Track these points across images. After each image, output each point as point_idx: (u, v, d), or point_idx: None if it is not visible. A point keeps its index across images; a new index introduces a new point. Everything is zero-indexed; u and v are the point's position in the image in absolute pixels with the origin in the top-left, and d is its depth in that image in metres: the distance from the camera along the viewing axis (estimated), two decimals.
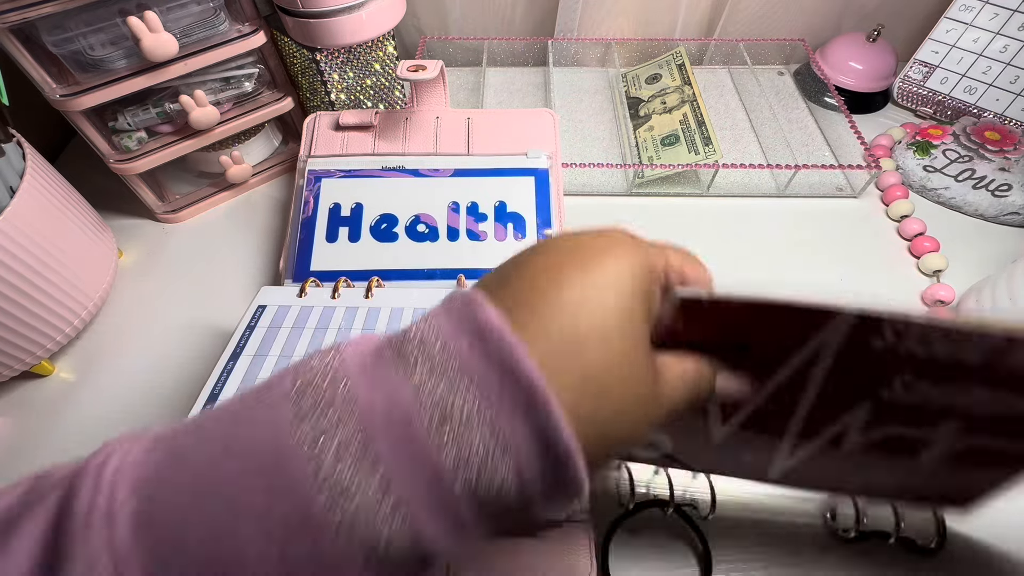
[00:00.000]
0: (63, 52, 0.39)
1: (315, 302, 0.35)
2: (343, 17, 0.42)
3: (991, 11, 0.53)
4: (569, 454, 0.14)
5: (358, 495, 0.13)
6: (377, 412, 0.14)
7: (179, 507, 0.13)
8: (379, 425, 0.14)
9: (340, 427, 0.13)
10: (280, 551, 0.13)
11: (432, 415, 0.14)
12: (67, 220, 0.40)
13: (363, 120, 0.47)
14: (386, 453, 0.13)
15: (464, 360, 0.14)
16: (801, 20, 0.64)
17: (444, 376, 0.14)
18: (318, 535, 0.13)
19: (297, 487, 0.13)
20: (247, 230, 0.51)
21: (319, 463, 0.13)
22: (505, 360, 0.14)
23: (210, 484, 0.13)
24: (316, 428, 0.13)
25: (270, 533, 0.13)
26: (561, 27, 0.64)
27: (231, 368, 0.31)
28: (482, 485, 0.14)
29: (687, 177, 0.52)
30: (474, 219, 0.42)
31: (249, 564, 0.13)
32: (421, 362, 0.15)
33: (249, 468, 0.13)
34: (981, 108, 0.55)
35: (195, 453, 0.14)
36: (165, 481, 0.14)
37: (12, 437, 0.38)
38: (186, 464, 0.14)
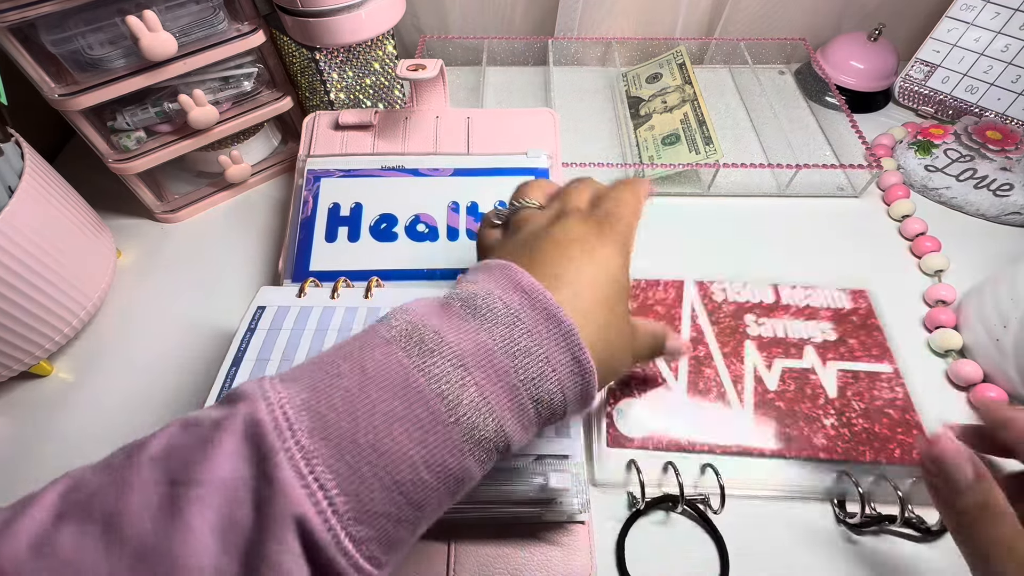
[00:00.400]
0: (62, 51, 0.39)
1: (315, 302, 0.35)
2: (342, 16, 0.42)
3: (992, 10, 0.52)
4: (592, 374, 0.21)
5: (464, 403, 0.19)
6: (467, 351, 0.19)
7: (342, 421, 0.18)
8: (470, 360, 0.19)
9: (445, 363, 0.19)
10: (422, 438, 0.18)
11: (505, 350, 0.20)
12: (66, 220, 0.40)
13: (362, 119, 0.47)
14: (480, 378, 0.19)
15: (517, 311, 0.21)
16: (802, 19, 0.64)
17: (506, 323, 0.20)
18: (443, 429, 0.18)
19: (425, 401, 0.18)
20: (246, 230, 0.50)
21: (439, 385, 0.19)
22: (550, 311, 0.21)
23: (363, 403, 0.18)
24: (427, 364, 0.19)
25: (412, 430, 0.18)
26: (561, 26, 0.64)
27: (234, 374, 0.31)
28: (540, 395, 0.20)
29: (688, 177, 0.52)
30: (474, 219, 0.42)
31: (403, 451, 0.18)
32: (486, 314, 0.20)
33: (386, 392, 0.18)
34: (982, 107, 0.55)
35: (339, 381, 0.19)
36: (323, 404, 0.18)
37: (11, 437, 0.38)
38: (333, 393, 0.18)
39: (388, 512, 0.18)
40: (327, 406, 0.18)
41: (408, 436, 0.18)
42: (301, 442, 0.17)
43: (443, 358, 0.19)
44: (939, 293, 0.43)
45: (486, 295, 0.21)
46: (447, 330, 0.20)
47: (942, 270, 0.45)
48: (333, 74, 0.48)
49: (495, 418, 0.19)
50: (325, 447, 0.17)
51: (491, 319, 0.20)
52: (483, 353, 0.19)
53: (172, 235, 0.51)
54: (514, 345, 0.20)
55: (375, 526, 0.17)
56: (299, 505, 0.16)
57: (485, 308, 0.21)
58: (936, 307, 0.43)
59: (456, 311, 0.21)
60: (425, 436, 0.18)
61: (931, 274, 0.45)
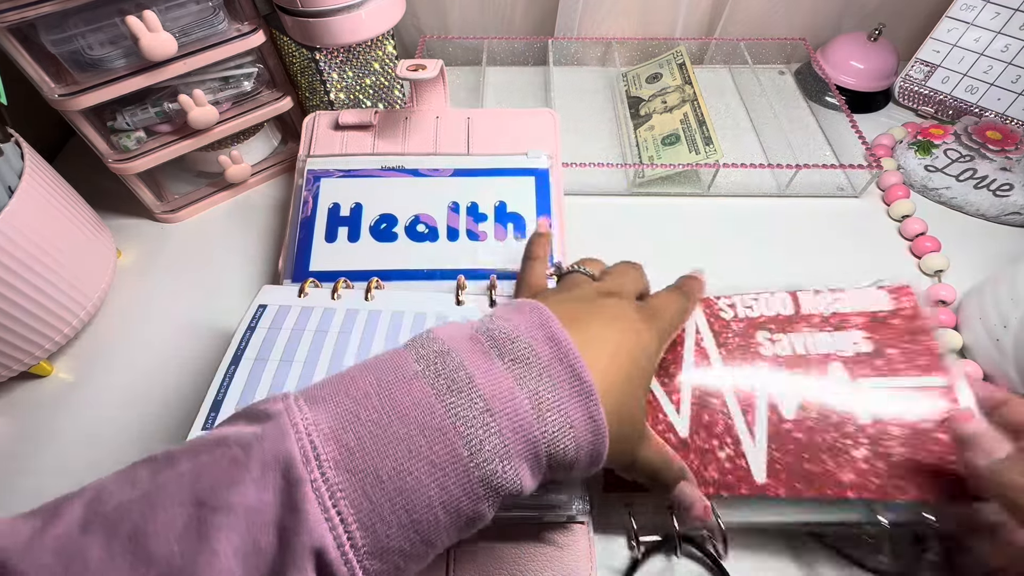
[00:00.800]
0: (62, 52, 0.39)
1: (315, 303, 0.35)
2: (342, 16, 0.42)
3: (992, 10, 0.52)
4: (603, 437, 0.21)
5: (486, 449, 0.19)
6: (494, 396, 0.20)
7: (370, 457, 0.18)
8: (497, 405, 0.20)
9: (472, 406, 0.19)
10: (441, 480, 0.19)
11: (530, 399, 0.20)
12: (66, 220, 0.40)
13: (362, 120, 0.47)
14: (504, 425, 0.20)
15: (544, 361, 0.21)
16: (802, 19, 0.64)
17: (532, 370, 0.21)
18: (463, 473, 0.19)
19: (451, 446, 0.19)
20: (246, 230, 0.50)
21: (464, 429, 0.19)
22: (575, 369, 0.21)
23: (386, 437, 0.19)
24: (454, 404, 0.19)
25: (433, 471, 0.19)
26: (561, 26, 0.64)
27: (232, 372, 0.31)
28: (555, 450, 0.20)
29: (688, 177, 0.52)
30: (474, 219, 0.42)
31: (422, 491, 0.18)
32: (516, 359, 0.21)
33: (412, 428, 0.19)
34: (982, 107, 0.55)
35: (366, 413, 0.19)
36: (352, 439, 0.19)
37: (11, 437, 0.38)
38: (361, 423, 0.19)
39: (402, 548, 0.18)
40: (354, 438, 0.19)
41: (429, 476, 0.18)
42: (327, 474, 0.18)
43: (471, 401, 0.20)
44: (939, 293, 0.43)
45: (516, 338, 0.21)
46: (476, 370, 0.20)
47: (942, 270, 0.45)
48: (333, 74, 0.48)
49: (513, 467, 0.20)
50: (349, 481, 0.18)
51: (520, 364, 0.21)
52: (509, 400, 0.20)
53: (172, 235, 0.51)
54: (539, 397, 0.20)
55: (388, 561, 0.18)
56: (321, 538, 0.17)
57: (514, 352, 0.21)
58: (936, 307, 0.43)
59: (485, 349, 0.21)
60: (445, 479, 0.19)
61: (931, 274, 0.45)
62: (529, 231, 0.42)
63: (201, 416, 0.30)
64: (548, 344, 0.21)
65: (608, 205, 0.51)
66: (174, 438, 0.36)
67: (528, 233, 0.42)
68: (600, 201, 0.52)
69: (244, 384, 0.31)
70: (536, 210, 0.43)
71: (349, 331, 0.33)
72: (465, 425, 0.19)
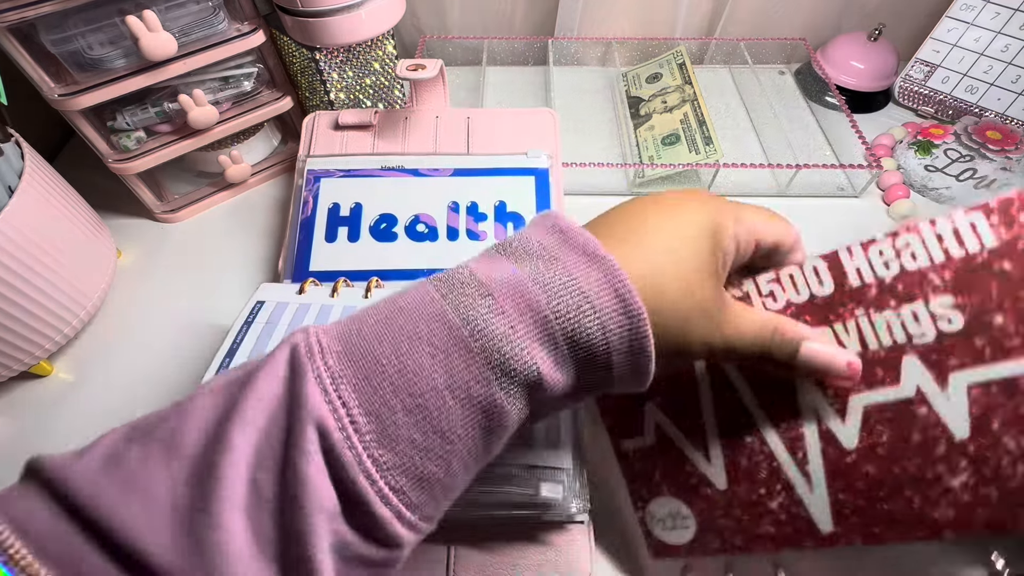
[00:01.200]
0: (62, 51, 0.39)
1: (313, 300, 0.35)
2: (342, 16, 0.42)
3: (992, 10, 0.52)
4: (640, 318, 0.19)
5: (490, 329, 0.18)
6: (496, 281, 0.19)
7: (369, 344, 0.18)
8: (500, 289, 0.19)
9: (474, 293, 0.19)
10: (445, 362, 0.18)
11: (537, 282, 0.19)
12: (66, 220, 0.40)
13: (362, 119, 0.47)
14: (508, 307, 0.19)
15: (552, 249, 0.20)
16: (802, 19, 0.64)
17: (541, 259, 0.20)
18: (467, 355, 0.18)
19: (451, 327, 0.18)
20: (246, 230, 0.50)
21: (464, 312, 0.18)
22: (588, 249, 0.20)
23: (389, 328, 0.19)
24: (456, 295, 0.19)
25: (436, 353, 0.18)
26: (561, 26, 0.64)
27: (227, 365, 0.31)
28: (576, 331, 0.19)
29: (688, 176, 0.52)
30: (474, 219, 0.42)
31: (426, 374, 0.18)
32: (522, 253, 0.20)
33: (414, 318, 0.19)
34: (982, 107, 0.55)
35: (373, 314, 0.20)
36: (353, 332, 0.19)
37: (11, 437, 0.38)
38: (367, 321, 0.19)
39: (412, 438, 0.18)
40: (357, 332, 0.19)
41: (432, 359, 0.18)
42: (329, 363, 0.18)
43: (471, 288, 0.19)
44: None
45: (522, 238, 0.21)
46: (479, 268, 0.20)
47: None
48: (333, 74, 0.48)
49: (524, 349, 0.18)
50: (351, 368, 0.18)
51: (524, 256, 0.20)
52: (512, 284, 0.19)
53: (172, 235, 0.51)
54: (546, 278, 0.19)
55: (399, 452, 0.18)
56: (322, 421, 0.17)
57: (519, 247, 0.20)
58: None
59: (491, 254, 0.21)
60: (449, 361, 0.18)
61: None
62: None
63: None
64: (552, 233, 0.20)
65: (608, 205, 0.51)
66: None
67: None
68: (600, 201, 0.51)
69: None
70: (536, 210, 0.43)
71: None
72: (465, 308, 0.18)
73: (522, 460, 0.29)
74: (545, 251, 0.20)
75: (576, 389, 0.20)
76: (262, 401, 0.18)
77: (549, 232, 0.20)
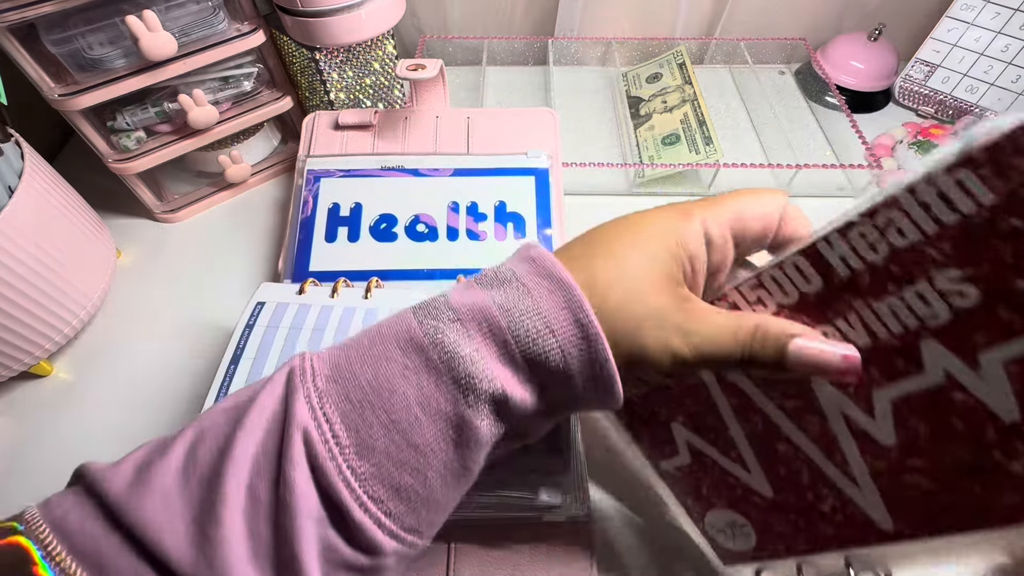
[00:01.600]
0: (62, 51, 0.39)
1: (313, 300, 0.35)
2: (342, 16, 0.42)
3: (992, 10, 0.52)
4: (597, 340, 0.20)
5: (457, 351, 0.20)
6: (466, 307, 0.21)
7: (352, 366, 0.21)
8: (468, 315, 0.21)
9: (445, 319, 0.21)
10: (416, 380, 0.20)
11: (502, 308, 0.20)
12: (65, 220, 0.40)
13: (362, 119, 0.47)
14: (474, 330, 0.20)
15: (522, 276, 0.21)
16: (802, 19, 0.64)
17: (509, 286, 0.21)
18: (435, 375, 0.20)
19: (423, 349, 0.20)
20: (246, 230, 0.50)
21: (434, 336, 0.20)
22: (552, 272, 0.21)
23: (371, 352, 0.21)
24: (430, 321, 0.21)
25: (408, 373, 0.20)
26: (561, 26, 0.64)
27: (233, 372, 0.31)
28: (534, 352, 0.20)
29: (688, 176, 0.52)
30: (474, 219, 0.42)
31: (399, 391, 0.20)
32: (495, 282, 0.22)
33: (393, 343, 0.21)
34: (982, 108, 0.55)
35: (361, 339, 0.22)
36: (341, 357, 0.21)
37: (11, 437, 0.38)
38: (354, 346, 0.21)
39: (387, 450, 0.19)
40: (344, 356, 0.21)
41: (405, 380, 0.20)
42: (318, 384, 0.20)
43: (444, 315, 0.21)
44: None
45: (498, 268, 0.22)
46: (454, 296, 0.22)
47: None
48: (333, 74, 0.48)
49: (488, 369, 0.20)
50: (335, 389, 0.20)
51: (495, 284, 0.22)
52: (479, 309, 0.21)
53: (172, 235, 0.51)
54: (511, 303, 0.21)
55: (376, 463, 0.19)
56: (308, 434, 0.19)
57: (493, 277, 0.22)
58: None
59: (469, 283, 0.22)
60: (420, 380, 0.20)
61: None
62: (529, 231, 0.42)
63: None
64: (525, 262, 0.22)
65: (608, 205, 0.51)
66: None
67: (528, 232, 0.42)
68: (600, 201, 0.52)
69: (244, 382, 0.31)
70: (536, 210, 0.43)
71: (346, 329, 0.33)
72: (436, 332, 0.20)
73: (521, 465, 0.29)
74: (515, 278, 0.21)
75: (548, 407, 0.22)
76: (262, 416, 0.20)
77: (522, 261, 0.22)
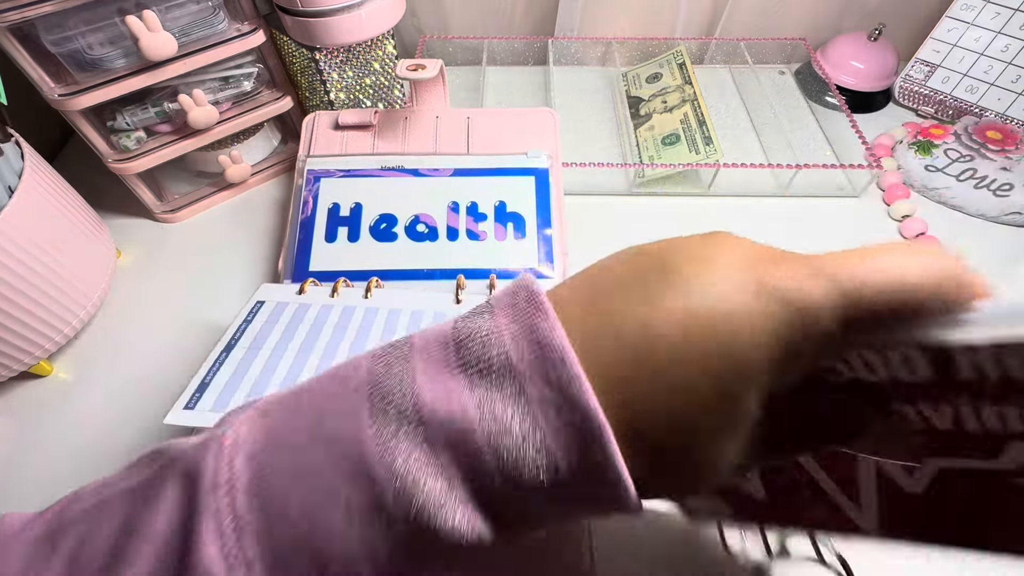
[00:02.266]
0: (62, 51, 0.39)
1: (313, 300, 0.35)
2: (342, 16, 0.42)
3: (993, 10, 0.52)
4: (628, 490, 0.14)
5: (423, 490, 0.14)
6: (440, 421, 0.15)
7: (282, 482, 0.15)
8: (440, 435, 0.15)
9: (410, 432, 0.15)
10: (360, 533, 0.15)
11: (489, 430, 0.14)
12: (65, 220, 0.40)
13: (362, 119, 0.47)
14: (446, 461, 0.15)
15: (523, 376, 0.15)
16: (802, 19, 0.64)
17: (501, 388, 0.15)
18: (390, 520, 0.14)
19: (374, 480, 0.14)
20: (246, 230, 0.50)
21: (391, 460, 0.14)
22: (564, 388, 0.14)
23: (304, 466, 0.15)
24: (386, 428, 0.15)
25: (351, 517, 0.15)
26: (561, 26, 0.64)
27: (223, 359, 0.31)
28: (524, 484, 0.14)
29: (688, 176, 0.52)
30: (474, 219, 0.42)
31: (336, 539, 0.15)
32: (482, 370, 0.15)
33: (333, 456, 0.15)
34: (983, 107, 0.55)
35: (291, 435, 0.16)
36: (269, 457, 0.16)
37: (11, 437, 0.38)
38: (284, 444, 0.16)
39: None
40: (272, 464, 0.15)
41: (347, 520, 0.15)
42: (237, 507, 0.15)
43: (407, 422, 0.15)
44: None
45: (487, 341, 0.15)
46: (424, 386, 0.15)
47: None
48: (333, 74, 0.48)
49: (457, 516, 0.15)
50: (257, 519, 0.15)
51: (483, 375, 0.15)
52: (457, 433, 0.15)
53: (172, 235, 0.51)
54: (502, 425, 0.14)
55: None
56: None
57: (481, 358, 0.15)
58: None
59: (447, 359, 0.16)
60: (365, 530, 0.15)
61: None
62: (529, 231, 0.42)
63: (185, 396, 0.29)
64: (527, 342, 0.15)
65: (608, 205, 0.51)
66: (174, 436, 0.36)
67: (528, 232, 0.42)
68: (600, 201, 0.52)
69: (233, 370, 0.30)
70: (536, 210, 0.43)
71: (345, 327, 0.33)
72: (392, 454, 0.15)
73: None
74: (511, 373, 0.15)
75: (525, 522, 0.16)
76: (157, 534, 0.15)
77: (523, 338, 0.15)
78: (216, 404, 0.29)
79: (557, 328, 0.15)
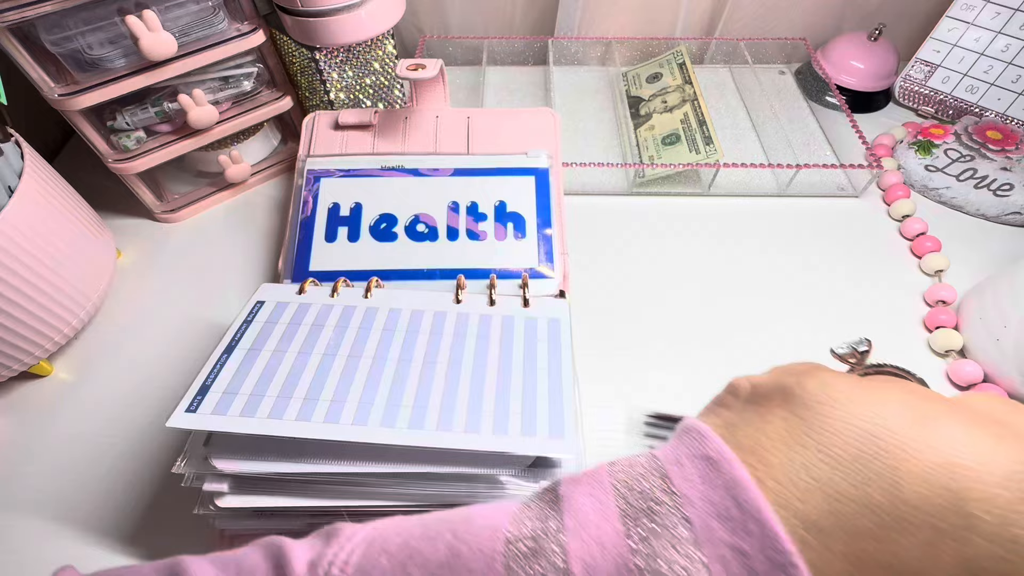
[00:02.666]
0: (62, 51, 0.39)
1: (313, 300, 0.35)
2: (342, 16, 0.42)
3: (993, 10, 0.52)
4: None
5: None
6: (585, 562, 0.13)
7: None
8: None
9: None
10: None
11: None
12: (66, 220, 0.40)
13: (362, 119, 0.47)
14: None
15: (722, 556, 0.12)
16: (802, 19, 0.64)
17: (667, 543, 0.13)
18: None
19: None
20: (246, 230, 0.50)
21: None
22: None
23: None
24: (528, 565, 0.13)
25: None
26: (561, 26, 0.64)
27: (224, 360, 0.31)
28: None
29: (688, 176, 0.52)
30: (474, 219, 0.42)
31: None
32: (639, 507, 0.13)
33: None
34: (983, 107, 0.55)
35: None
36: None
37: (11, 438, 0.38)
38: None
39: None
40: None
41: None
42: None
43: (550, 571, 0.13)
44: (939, 293, 0.43)
45: (653, 489, 0.13)
46: (571, 529, 0.13)
47: (942, 270, 0.45)
48: (333, 74, 0.48)
49: None
50: None
51: (644, 518, 0.13)
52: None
53: (172, 235, 0.51)
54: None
55: None
56: None
57: (642, 499, 0.13)
58: (936, 307, 0.43)
59: (601, 485, 0.14)
60: None
61: (931, 274, 0.45)
62: (529, 231, 0.42)
63: (186, 399, 0.29)
64: (730, 531, 0.12)
65: (608, 205, 0.51)
66: (174, 437, 0.36)
67: (528, 232, 0.42)
68: (600, 201, 0.52)
69: (235, 372, 0.30)
70: (536, 209, 0.43)
71: (345, 327, 0.33)
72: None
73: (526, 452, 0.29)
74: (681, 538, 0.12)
75: None
76: None
77: (740, 532, 0.12)
78: (217, 407, 0.29)
79: (763, 503, 0.13)
